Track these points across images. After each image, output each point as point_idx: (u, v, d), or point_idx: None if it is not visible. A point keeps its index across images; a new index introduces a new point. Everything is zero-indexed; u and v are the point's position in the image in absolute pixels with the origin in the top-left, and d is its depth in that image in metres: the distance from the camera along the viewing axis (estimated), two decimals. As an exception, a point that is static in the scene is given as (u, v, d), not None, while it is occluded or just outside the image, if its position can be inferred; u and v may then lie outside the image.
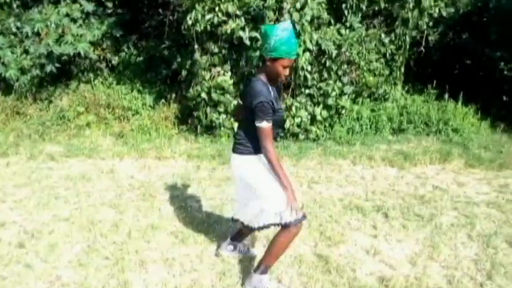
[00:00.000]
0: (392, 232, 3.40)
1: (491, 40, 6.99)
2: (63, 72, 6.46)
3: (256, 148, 2.43)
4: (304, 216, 2.44)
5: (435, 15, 6.16)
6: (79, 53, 6.04)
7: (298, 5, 5.12)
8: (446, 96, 6.51)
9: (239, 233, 2.96)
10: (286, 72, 2.35)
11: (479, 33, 7.24)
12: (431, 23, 6.33)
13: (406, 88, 6.93)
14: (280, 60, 2.29)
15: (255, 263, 2.76)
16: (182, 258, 2.96)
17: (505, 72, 7.05)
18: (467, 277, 2.83)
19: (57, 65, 6.01)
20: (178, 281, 2.72)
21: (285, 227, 2.40)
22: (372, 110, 6.17)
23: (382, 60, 6.10)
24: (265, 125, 2.29)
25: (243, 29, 5.16)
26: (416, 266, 2.94)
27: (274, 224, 2.43)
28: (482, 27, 7.26)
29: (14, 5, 6.09)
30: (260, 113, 2.27)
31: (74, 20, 6.17)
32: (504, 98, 7.20)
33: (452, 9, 6.83)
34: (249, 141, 2.45)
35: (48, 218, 3.52)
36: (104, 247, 3.09)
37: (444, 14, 6.29)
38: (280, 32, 2.23)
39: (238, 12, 5.15)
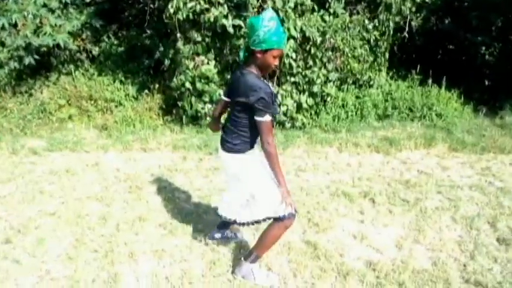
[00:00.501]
0: (378, 217, 3.45)
1: (472, 25, 7.08)
2: (42, 64, 6.29)
3: (246, 145, 2.41)
4: (296, 211, 2.47)
5: (418, 0, 6.18)
6: (58, 44, 5.87)
7: (281, -8, 5.08)
8: (430, 81, 6.58)
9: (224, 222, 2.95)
10: (277, 62, 2.31)
11: (461, 18, 7.32)
12: (414, 9, 6.35)
13: (390, 74, 6.98)
14: (270, 51, 2.24)
15: (245, 251, 2.78)
16: (172, 249, 2.96)
17: (487, 57, 7.17)
18: (451, 258, 2.90)
19: (36, 57, 5.85)
20: (168, 272, 2.73)
21: (278, 220, 2.42)
22: (357, 97, 6.20)
23: (366, 46, 6.10)
24: (267, 118, 2.25)
25: (226, 16, 5.09)
26: (402, 249, 3.00)
27: (266, 219, 2.45)
28: (464, 12, 7.35)
29: (-12, -4, 5.89)
30: (262, 107, 2.22)
31: (52, 11, 5.99)
32: (486, 83, 7.33)
33: (434, -6, 6.88)
34: (239, 138, 2.40)
35: (34, 213, 3.47)
36: (92, 240, 3.07)
37: (426, -1, 6.33)
38: (267, 22, 2.17)
39: (220, 0, 5.08)
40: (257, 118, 2.26)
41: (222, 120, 2.74)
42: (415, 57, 7.62)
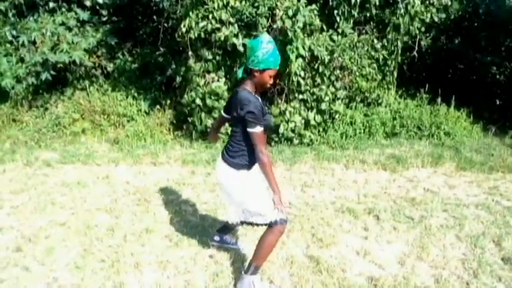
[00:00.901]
0: (382, 234, 3.46)
1: (481, 45, 7.13)
2: (58, 79, 6.52)
3: (244, 159, 2.53)
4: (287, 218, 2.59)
5: (427, 20, 6.26)
6: (74, 61, 6.09)
7: (290, 12, 5.21)
8: (439, 100, 6.60)
9: (225, 226, 3.12)
10: (271, 81, 2.49)
11: (470, 38, 7.38)
12: (423, 28, 6.42)
13: (399, 92, 7.03)
14: (267, 70, 2.42)
15: (246, 264, 2.82)
16: (177, 261, 3.02)
17: (497, 76, 7.18)
18: (454, 276, 2.90)
19: (52, 72, 6.07)
20: (172, 283, 2.78)
21: (270, 226, 2.50)
22: (366, 115, 6.25)
23: (375, 65, 6.19)
24: (258, 129, 2.38)
25: (236, 35, 5.25)
26: (405, 266, 3.00)
27: (260, 225, 2.56)
28: (473, 32, 7.41)
29: (10, 14, 6.14)
30: (252, 119, 2.36)
31: (69, 29, 6.24)
32: (497, 102, 7.33)
33: (443, 15, 6.94)
34: (239, 152, 2.52)
35: (45, 223, 3.57)
36: (100, 250, 3.14)
37: (436, 19, 6.39)
38: (266, 44, 2.36)
39: (231, 20, 5.24)
40: (249, 130, 2.39)
41: (223, 130, 2.88)
42: (425, 76, 7.67)
